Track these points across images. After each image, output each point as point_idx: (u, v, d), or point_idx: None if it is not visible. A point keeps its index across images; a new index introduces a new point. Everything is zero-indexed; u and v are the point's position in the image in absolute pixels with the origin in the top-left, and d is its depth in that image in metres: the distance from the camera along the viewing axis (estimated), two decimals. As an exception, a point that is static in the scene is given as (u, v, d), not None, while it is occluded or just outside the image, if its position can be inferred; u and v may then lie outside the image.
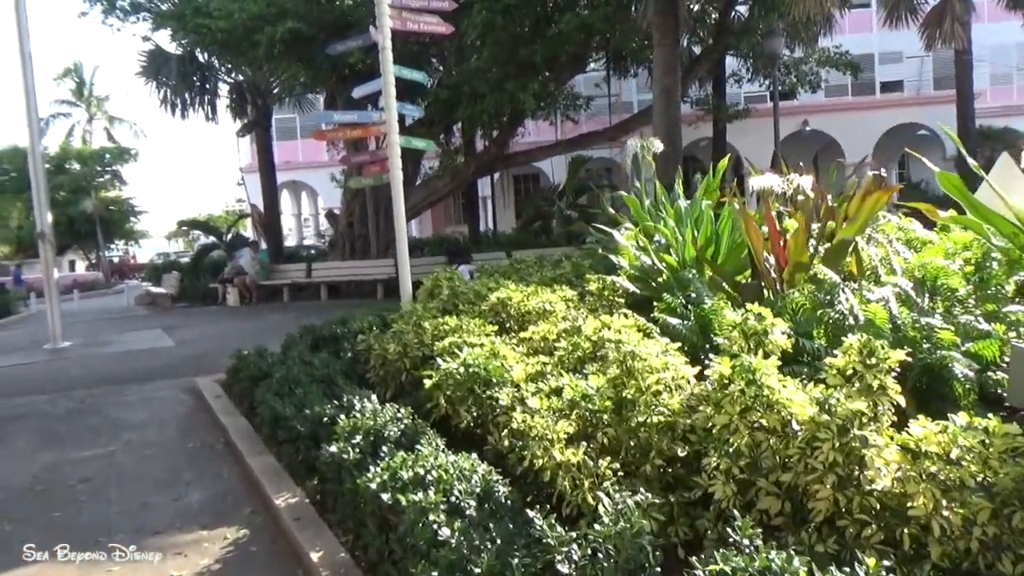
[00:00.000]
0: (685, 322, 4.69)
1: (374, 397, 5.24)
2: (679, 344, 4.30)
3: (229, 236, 25.09)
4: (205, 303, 20.38)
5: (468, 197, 25.77)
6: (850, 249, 5.00)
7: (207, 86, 22.10)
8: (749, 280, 5.71)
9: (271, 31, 15.77)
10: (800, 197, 5.83)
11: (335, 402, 5.27)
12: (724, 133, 22.59)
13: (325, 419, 5.01)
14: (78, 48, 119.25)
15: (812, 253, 5.05)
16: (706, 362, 3.68)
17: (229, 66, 22.01)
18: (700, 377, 3.86)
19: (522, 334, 5.64)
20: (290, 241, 34.90)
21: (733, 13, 18.58)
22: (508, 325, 6.22)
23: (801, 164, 6.94)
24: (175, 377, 9.49)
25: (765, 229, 5.35)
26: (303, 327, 8.54)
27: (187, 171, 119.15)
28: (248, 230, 30.79)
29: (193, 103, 21.96)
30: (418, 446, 4.18)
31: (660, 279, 6.29)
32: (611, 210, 8.54)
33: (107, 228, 42.36)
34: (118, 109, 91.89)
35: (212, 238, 25.72)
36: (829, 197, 6.10)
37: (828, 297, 4.31)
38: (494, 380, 4.67)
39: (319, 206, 39.17)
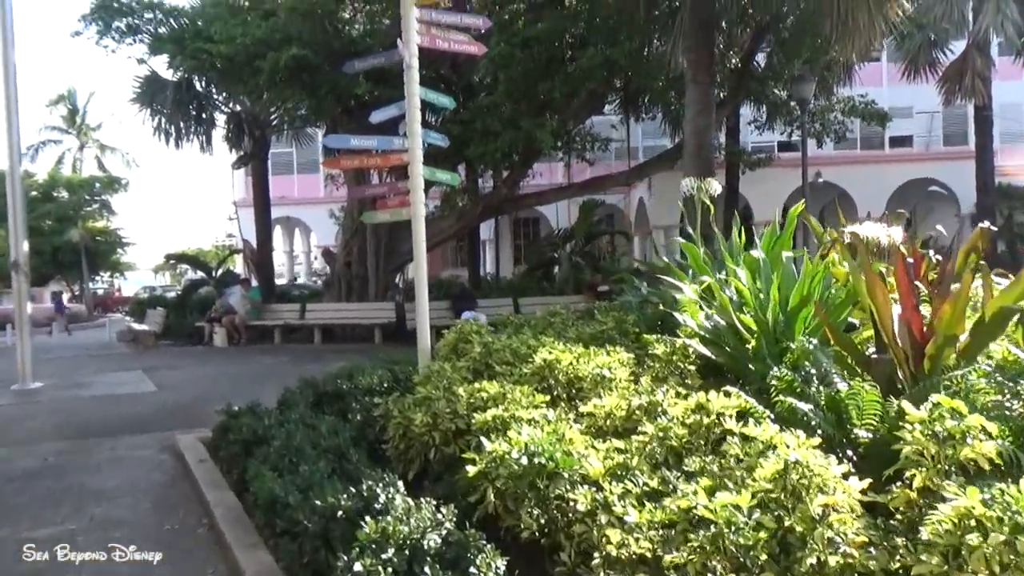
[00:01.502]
0: (815, 408, 3.67)
1: (400, 484, 4.20)
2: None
3: (219, 272, 24.02)
4: (191, 342, 19.26)
5: (469, 240, 24.84)
6: (1013, 320, 4.03)
7: (203, 115, 21.18)
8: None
9: (275, 57, 14.89)
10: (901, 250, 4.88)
11: (351, 488, 4.20)
12: (737, 181, 21.78)
13: (340, 513, 3.96)
14: (70, 74, 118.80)
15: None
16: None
17: (227, 95, 21.12)
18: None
19: (583, 408, 4.62)
20: (282, 279, 33.85)
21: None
22: (556, 393, 5.20)
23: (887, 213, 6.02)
24: (154, 431, 8.38)
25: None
26: (303, 381, 7.48)
27: (178, 203, 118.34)
28: (239, 266, 29.69)
29: (188, 132, 21.04)
30: (472, 569, 3.14)
31: (735, 343, 5.30)
32: (664, 259, 7.54)
33: (92, 259, 41.23)
34: (110, 137, 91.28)
35: (200, 273, 24.63)
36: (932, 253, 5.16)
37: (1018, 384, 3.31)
38: (564, 474, 3.63)
39: (312, 243, 38.20)
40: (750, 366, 5.19)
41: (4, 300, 32.50)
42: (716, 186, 7.35)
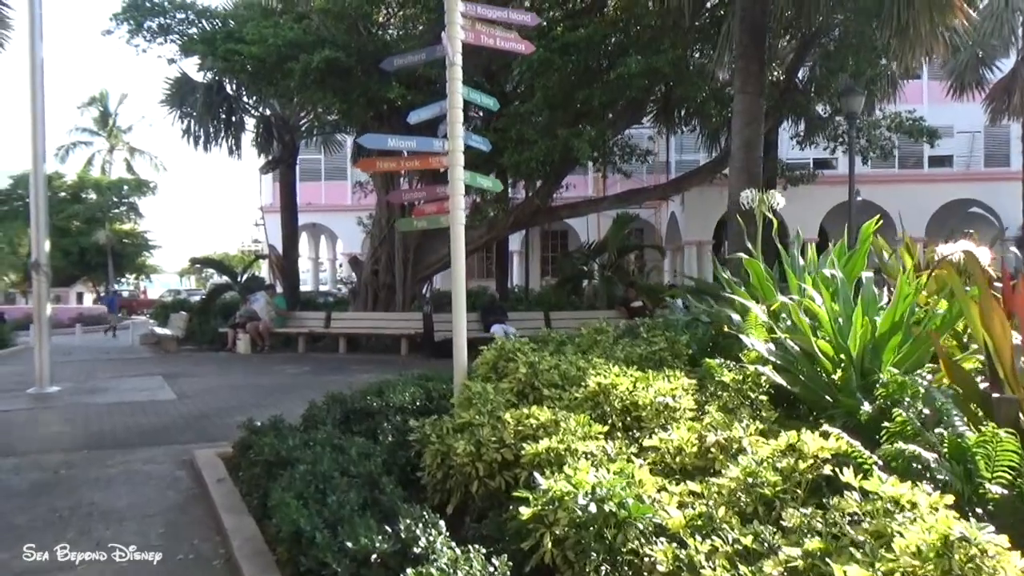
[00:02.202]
0: (940, 458, 3.13)
1: (443, 525, 3.70)
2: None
3: (244, 277, 23.67)
4: (214, 348, 18.91)
5: (498, 251, 24.37)
6: None
7: (233, 118, 20.96)
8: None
9: (307, 59, 14.54)
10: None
11: (387, 528, 3.71)
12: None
13: (375, 557, 3.47)
14: (102, 75, 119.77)
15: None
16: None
17: (257, 98, 20.87)
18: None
19: (646, 441, 4.10)
20: (306, 286, 33.54)
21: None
22: (612, 422, 4.69)
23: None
24: (171, 443, 7.95)
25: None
26: (330, 396, 7.00)
27: (205, 207, 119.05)
28: (264, 272, 29.39)
29: (217, 135, 20.84)
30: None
31: (811, 373, 4.77)
32: (724, 274, 7.01)
33: (119, 261, 41.19)
34: (140, 140, 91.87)
35: (226, 278, 24.29)
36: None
37: None
38: (638, 524, 3.13)
39: (338, 251, 37.93)
40: (827, 397, 4.66)
41: (31, 299, 32.47)
42: (780, 199, 6.82)
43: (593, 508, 3.13)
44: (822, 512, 2.91)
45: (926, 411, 3.62)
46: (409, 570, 3.10)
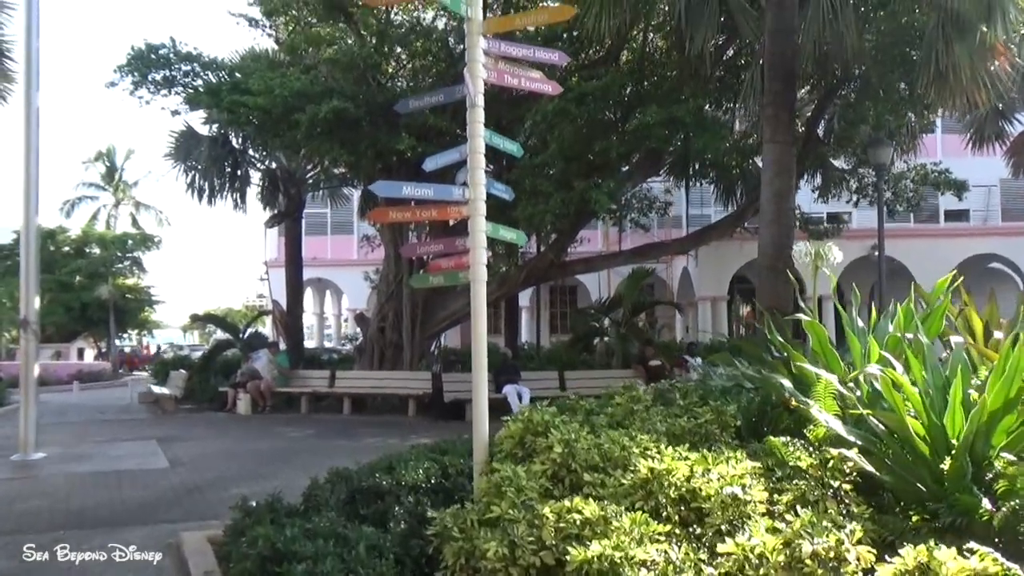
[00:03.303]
0: None
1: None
2: None
3: (246, 334, 22.98)
4: (213, 407, 18.15)
5: (508, 307, 23.68)
6: None
7: (238, 171, 20.51)
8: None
9: (314, 109, 14.08)
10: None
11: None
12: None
13: None
14: (108, 129, 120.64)
15: None
16: None
17: (263, 151, 20.45)
18: None
19: (720, 547, 3.37)
20: (311, 342, 32.85)
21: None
22: (666, 514, 3.96)
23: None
24: (159, 522, 7.20)
25: None
26: (334, 473, 6.27)
27: (209, 262, 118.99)
28: (268, 328, 28.73)
29: (222, 189, 20.35)
30: None
31: (901, 457, 4.05)
32: (779, 338, 6.31)
33: (121, 316, 40.56)
34: (146, 195, 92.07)
35: (227, 335, 23.61)
36: None
37: None
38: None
39: (344, 307, 37.33)
40: (921, 487, 3.94)
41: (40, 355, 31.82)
42: (838, 253, 6.16)
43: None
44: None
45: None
46: None
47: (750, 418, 6.13)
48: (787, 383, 5.76)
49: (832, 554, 3.06)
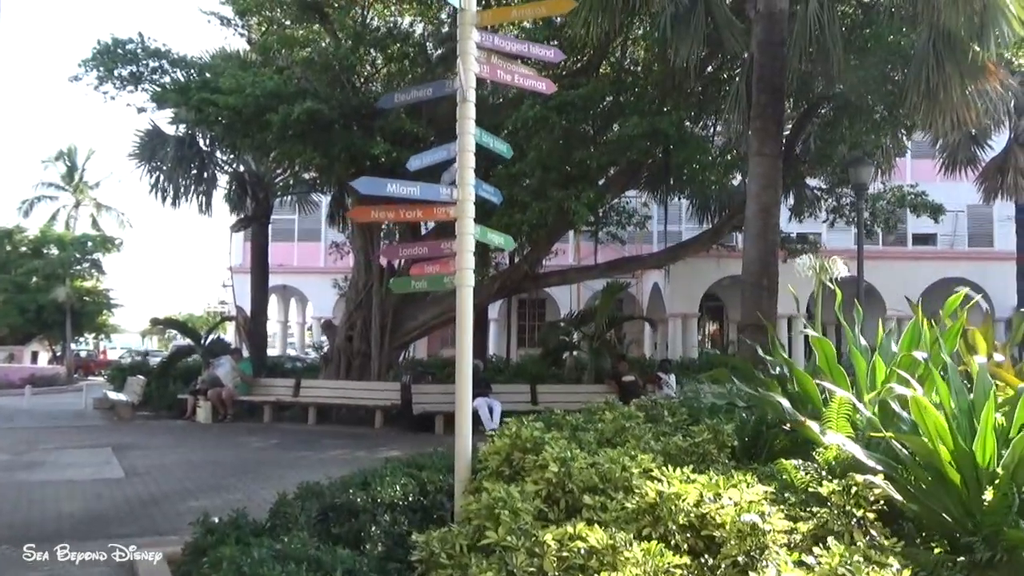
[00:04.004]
0: None
1: None
2: None
3: (208, 340, 22.31)
4: (172, 415, 17.55)
5: (477, 319, 23.27)
6: None
7: (204, 174, 19.93)
8: None
9: (287, 110, 13.65)
10: None
11: None
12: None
13: None
14: (70, 128, 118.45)
15: None
16: None
17: (232, 154, 19.91)
18: None
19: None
20: (273, 350, 32.17)
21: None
22: (674, 542, 3.63)
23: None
24: (111, 537, 6.67)
25: None
26: (304, 488, 5.85)
27: (171, 266, 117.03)
28: (230, 335, 28.02)
29: (187, 191, 19.76)
30: None
31: (926, 484, 3.76)
32: (782, 355, 6.02)
33: (78, 319, 39.46)
34: (107, 196, 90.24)
35: (188, 340, 22.92)
36: None
37: None
38: None
39: (308, 315, 36.69)
40: (947, 517, 3.65)
41: None
42: (842, 267, 5.90)
43: None
44: None
45: None
46: None
47: (743, 438, 5.84)
48: (785, 402, 5.48)
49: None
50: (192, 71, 16.94)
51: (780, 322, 21.87)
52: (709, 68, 15.09)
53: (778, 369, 6.83)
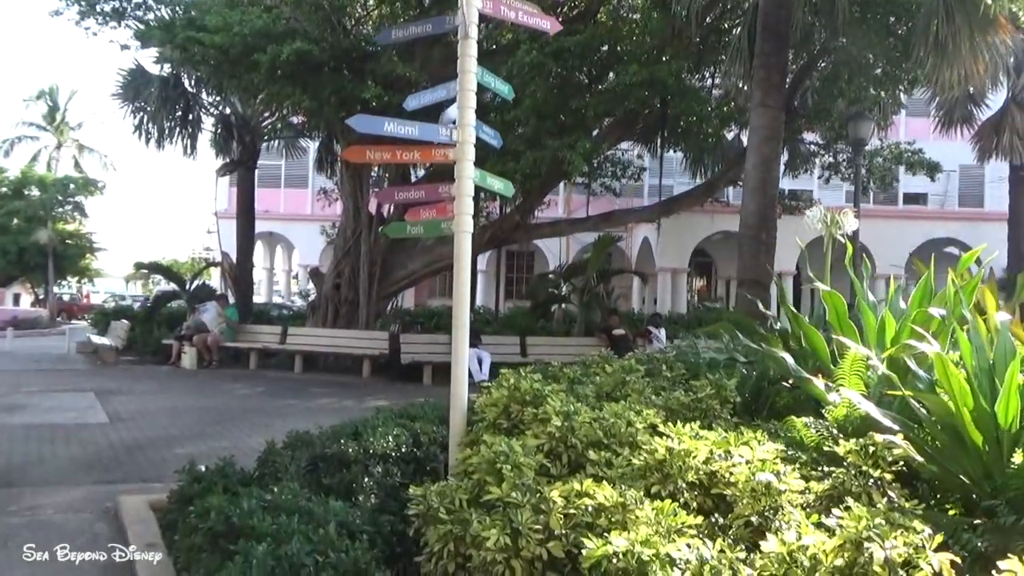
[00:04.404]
0: None
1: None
2: None
3: (193, 285, 22.02)
4: (156, 360, 17.33)
5: (466, 269, 23.01)
6: None
7: (190, 115, 19.47)
8: None
9: (276, 50, 13.26)
10: None
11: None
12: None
13: None
14: (54, 67, 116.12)
15: None
16: None
17: (218, 96, 19.43)
18: None
19: (764, 545, 2.89)
20: (259, 297, 31.89)
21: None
22: (683, 501, 3.49)
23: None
24: (95, 482, 6.58)
25: None
26: (294, 436, 5.70)
27: (156, 211, 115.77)
28: (215, 280, 27.71)
29: (172, 133, 19.27)
30: None
31: (947, 446, 3.62)
32: (791, 308, 5.85)
33: (60, 263, 38.97)
34: (90, 138, 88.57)
35: (173, 285, 22.63)
36: None
37: None
38: None
39: (294, 262, 36.39)
40: (964, 479, 3.53)
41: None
42: (853, 221, 5.72)
43: None
44: None
45: None
46: None
47: (744, 394, 5.71)
48: (788, 358, 5.34)
49: (903, 561, 2.60)
50: (177, 8, 16.45)
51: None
52: (709, 18, 14.74)
53: (779, 324, 6.71)
